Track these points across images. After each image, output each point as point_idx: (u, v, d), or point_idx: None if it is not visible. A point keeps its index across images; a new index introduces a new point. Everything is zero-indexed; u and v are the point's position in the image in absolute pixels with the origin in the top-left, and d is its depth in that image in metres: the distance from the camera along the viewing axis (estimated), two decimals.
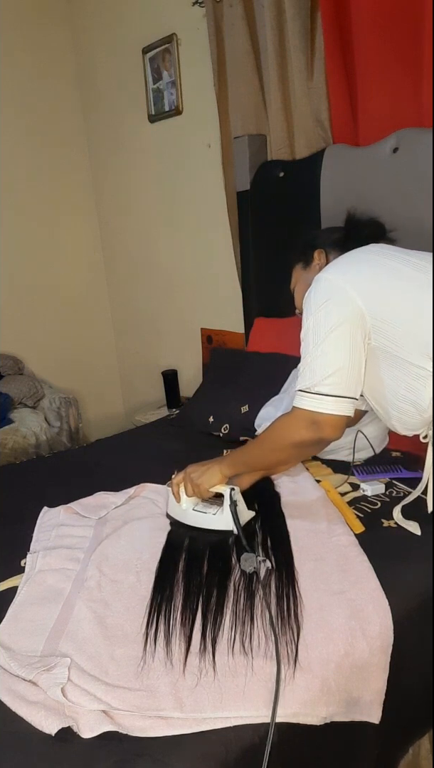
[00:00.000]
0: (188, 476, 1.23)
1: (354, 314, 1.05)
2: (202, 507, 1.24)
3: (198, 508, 1.23)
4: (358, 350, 1.06)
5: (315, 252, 1.31)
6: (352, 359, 1.06)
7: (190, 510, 1.24)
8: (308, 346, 1.08)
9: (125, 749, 0.76)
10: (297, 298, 1.37)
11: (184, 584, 1.05)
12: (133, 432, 2.12)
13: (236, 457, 1.24)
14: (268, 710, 0.81)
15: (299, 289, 1.35)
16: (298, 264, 1.37)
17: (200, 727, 0.78)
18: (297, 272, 1.37)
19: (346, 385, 1.06)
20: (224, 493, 1.19)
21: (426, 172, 1.40)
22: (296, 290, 1.37)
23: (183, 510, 1.24)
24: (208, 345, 2.57)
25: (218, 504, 1.22)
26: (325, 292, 1.08)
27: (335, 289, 1.07)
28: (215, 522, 1.20)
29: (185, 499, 1.24)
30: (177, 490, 1.25)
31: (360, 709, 0.90)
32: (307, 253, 1.33)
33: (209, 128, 2.16)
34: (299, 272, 1.36)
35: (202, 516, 1.22)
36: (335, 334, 1.05)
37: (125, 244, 3.04)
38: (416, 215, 1.43)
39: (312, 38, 1.68)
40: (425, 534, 1.15)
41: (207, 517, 1.21)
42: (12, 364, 2.89)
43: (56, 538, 1.25)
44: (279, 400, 1.62)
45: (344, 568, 1.05)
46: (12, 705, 0.83)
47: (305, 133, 1.77)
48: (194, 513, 1.23)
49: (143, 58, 2.45)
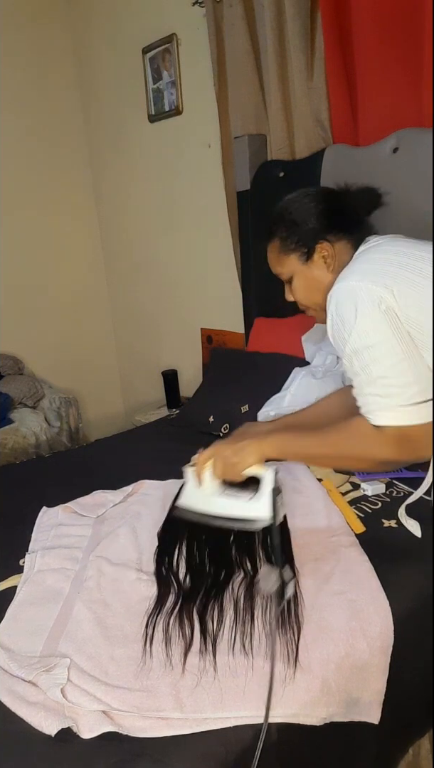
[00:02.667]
0: (219, 453, 1.09)
1: (389, 309, 0.97)
2: (232, 491, 1.07)
3: (227, 492, 1.07)
4: (411, 342, 0.97)
5: (318, 246, 1.16)
6: (412, 352, 0.97)
7: (216, 495, 1.07)
8: (365, 359, 0.98)
9: (125, 749, 0.76)
10: (297, 293, 1.22)
11: (184, 584, 1.05)
12: (133, 432, 2.12)
13: (287, 442, 1.10)
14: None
15: (300, 284, 1.21)
16: (289, 254, 1.19)
17: (200, 727, 0.78)
18: (289, 263, 1.20)
19: (422, 382, 0.97)
20: (264, 477, 1.02)
21: (426, 172, 1.40)
22: (296, 285, 1.22)
23: (205, 496, 1.07)
24: (208, 345, 2.57)
25: (251, 488, 1.05)
26: (352, 299, 0.99)
27: (361, 291, 0.99)
28: (248, 509, 1.03)
29: (209, 483, 1.08)
30: (201, 470, 1.09)
31: (360, 710, 0.90)
32: (305, 244, 1.17)
33: (209, 128, 2.16)
34: (295, 264, 1.19)
35: (232, 502, 1.04)
36: (385, 331, 0.96)
37: (125, 244, 3.04)
38: (416, 215, 1.43)
39: (312, 38, 1.68)
40: (425, 534, 1.14)
41: (238, 503, 1.04)
42: (12, 364, 2.89)
43: (55, 538, 1.25)
44: (280, 399, 1.62)
45: (344, 568, 1.05)
46: (12, 706, 0.83)
47: (305, 133, 1.77)
48: (221, 499, 1.06)
49: (143, 58, 2.45)
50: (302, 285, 1.21)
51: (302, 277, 1.20)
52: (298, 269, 1.20)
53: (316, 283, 1.18)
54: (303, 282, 1.20)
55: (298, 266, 1.20)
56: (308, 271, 1.19)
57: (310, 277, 1.19)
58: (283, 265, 1.22)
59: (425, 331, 0.97)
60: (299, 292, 1.22)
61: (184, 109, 2.35)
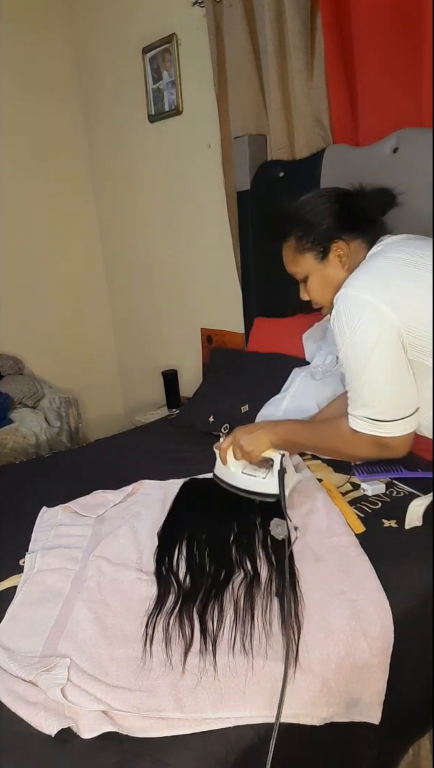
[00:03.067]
0: (236, 441, 1.24)
1: (390, 330, 1.01)
2: (250, 470, 1.26)
3: (246, 471, 1.26)
4: (403, 364, 1.03)
5: (334, 245, 1.19)
6: (401, 377, 1.03)
7: (238, 472, 1.27)
8: (352, 372, 1.06)
9: (125, 749, 0.76)
10: (313, 292, 1.25)
11: (184, 583, 1.05)
12: (133, 432, 2.12)
13: (289, 432, 1.24)
14: (268, 710, 0.81)
15: (315, 283, 1.23)
16: (305, 253, 1.22)
17: (200, 727, 0.78)
18: (305, 261, 1.22)
19: (403, 404, 1.04)
20: (275, 459, 1.21)
21: (426, 172, 1.40)
22: (312, 284, 1.24)
23: (232, 472, 1.27)
24: (208, 345, 2.57)
25: (267, 467, 1.24)
26: (356, 311, 1.03)
27: (365, 306, 1.02)
28: (264, 485, 1.23)
29: (232, 463, 1.27)
30: (225, 455, 1.27)
31: (360, 710, 0.90)
32: (321, 243, 1.19)
33: (209, 128, 2.16)
34: (311, 263, 1.22)
35: (250, 479, 1.25)
36: (377, 356, 1.02)
37: (125, 244, 3.04)
38: (416, 215, 1.43)
39: (312, 38, 1.68)
40: (425, 534, 1.14)
41: (256, 480, 1.24)
42: (12, 364, 2.89)
43: (55, 538, 1.25)
44: (279, 400, 1.62)
45: (345, 569, 1.05)
46: (12, 706, 0.83)
47: (305, 133, 1.77)
48: (243, 475, 1.26)
49: (143, 58, 2.45)
50: (317, 284, 1.23)
51: (318, 276, 1.22)
52: (314, 268, 1.22)
53: (331, 281, 1.20)
54: (319, 281, 1.22)
55: (314, 265, 1.22)
56: (323, 269, 1.21)
57: (325, 275, 1.21)
58: (299, 264, 1.24)
59: (425, 337, 1.00)
60: (315, 291, 1.24)
61: (184, 109, 2.35)
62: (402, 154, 1.47)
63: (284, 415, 1.57)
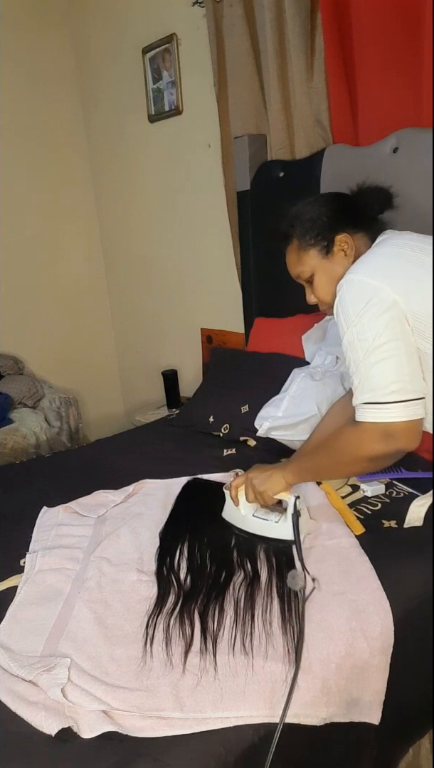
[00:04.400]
0: (249, 482, 1.18)
1: (397, 312, 0.99)
2: (262, 513, 1.18)
3: (258, 515, 1.18)
4: (411, 347, 1.00)
5: (337, 237, 1.17)
6: (409, 358, 1.00)
7: (249, 516, 1.18)
8: (359, 356, 1.01)
9: (125, 749, 0.76)
10: (320, 290, 1.21)
11: (185, 584, 1.05)
12: (133, 432, 2.12)
13: (302, 465, 1.18)
14: (268, 710, 0.81)
15: (322, 280, 1.20)
16: (309, 249, 1.20)
17: (200, 727, 0.78)
18: (310, 259, 1.20)
19: (411, 386, 0.99)
20: (288, 502, 1.13)
21: (426, 172, 1.40)
22: (319, 282, 1.21)
23: (242, 515, 1.19)
24: (208, 345, 2.57)
25: (280, 511, 1.17)
26: (362, 294, 1.01)
27: (371, 290, 1.00)
28: (276, 530, 1.14)
29: (244, 505, 1.19)
30: (236, 494, 1.20)
31: (360, 710, 0.90)
32: (324, 237, 1.18)
33: (209, 128, 2.16)
34: (316, 259, 1.20)
35: (263, 523, 1.16)
36: (385, 337, 0.99)
37: (125, 244, 3.04)
38: (416, 215, 1.43)
39: (312, 38, 1.68)
40: (425, 534, 1.14)
41: (268, 525, 1.15)
42: (12, 364, 2.89)
43: (55, 538, 1.25)
44: (279, 400, 1.62)
45: (345, 569, 1.05)
46: (12, 705, 0.83)
47: (305, 133, 1.77)
48: (254, 519, 1.18)
49: (143, 58, 2.45)
50: (324, 280, 1.20)
51: (324, 272, 1.20)
52: (319, 264, 1.20)
53: (338, 276, 1.15)
54: (325, 277, 1.19)
55: (319, 261, 1.20)
56: (329, 264, 1.19)
57: (331, 271, 1.18)
58: (303, 262, 1.21)
59: (427, 322, 0.99)
60: (321, 288, 1.21)
61: (184, 109, 2.35)
62: (402, 154, 1.47)
63: (284, 415, 1.57)
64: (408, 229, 1.26)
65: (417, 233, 1.17)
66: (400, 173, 1.47)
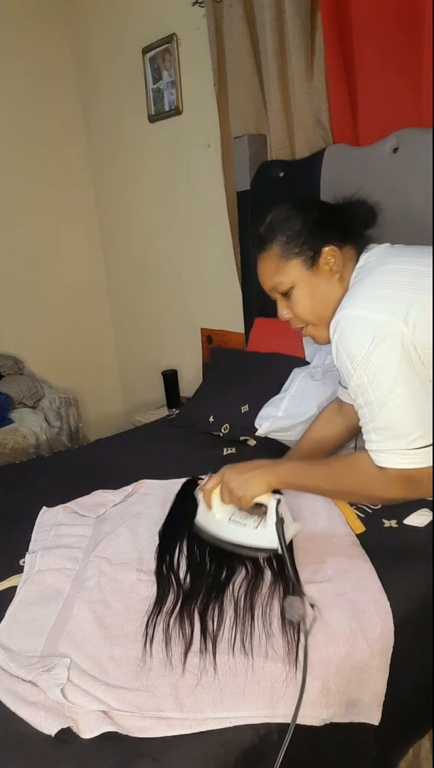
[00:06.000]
0: (225, 482, 1.07)
1: (407, 349, 0.92)
2: (239, 517, 1.06)
3: (235, 518, 1.06)
4: (425, 384, 0.94)
5: (324, 250, 1.07)
6: (427, 397, 0.94)
7: (225, 521, 1.06)
8: (372, 400, 0.95)
9: (124, 749, 0.76)
10: (299, 306, 1.10)
11: (184, 583, 1.05)
12: (133, 432, 2.12)
13: (294, 474, 1.08)
14: (268, 710, 0.81)
15: (303, 294, 1.09)
16: (292, 259, 1.09)
17: (200, 727, 0.78)
18: (292, 269, 1.09)
19: (429, 429, 0.93)
20: (269, 505, 1.02)
21: (426, 172, 1.40)
22: (299, 295, 1.10)
23: (217, 521, 1.07)
24: (208, 345, 2.57)
25: (259, 514, 1.04)
26: (366, 331, 0.93)
27: (378, 326, 0.92)
28: (255, 537, 1.03)
29: (219, 508, 1.07)
30: (210, 498, 1.09)
31: (360, 711, 0.90)
32: (310, 247, 1.08)
33: (209, 128, 2.16)
34: (298, 271, 1.09)
35: (240, 529, 1.04)
36: (401, 380, 0.92)
37: (125, 244, 3.04)
38: (416, 215, 1.43)
39: (312, 38, 1.68)
40: (425, 535, 1.14)
41: (246, 531, 1.04)
42: (12, 364, 2.89)
43: (55, 538, 1.25)
44: (279, 400, 1.62)
45: (345, 569, 1.05)
46: (12, 706, 0.83)
47: (305, 133, 1.77)
48: (230, 525, 1.05)
49: (143, 58, 2.45)
50: (305, 295, 1.09)
51: (306, 286, 1.09)
52: (301, 276, 1.09)
53: (320, 294, 1.08)
54: (307, 291, 1.09)
55: (302, 272, 1.09)
56: (312, 278, 1.08)
57: (314, 285, 1.08)
58: (283, 272, 1.10)
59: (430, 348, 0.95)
60: (301, 303, 1.10)
61: (184, 109, 2.35)
62: (402, 154, 1.47)
63: (284, 415, 1.57)
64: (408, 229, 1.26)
65: (407, 247, 1.09)
66: (400, 173, 1.47)
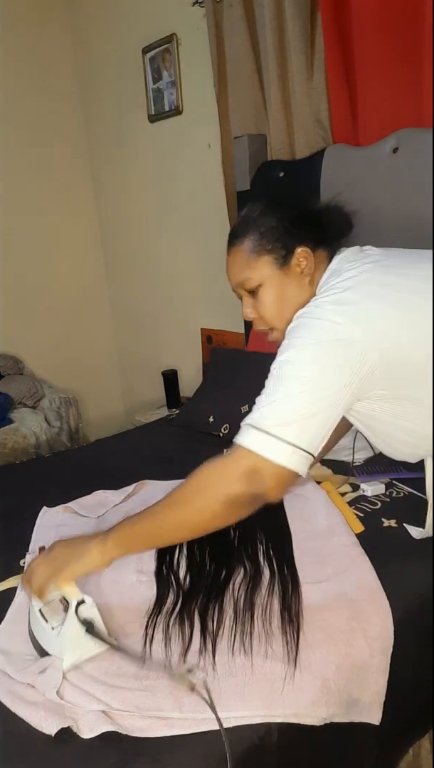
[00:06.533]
0: (49, 558, 0.91)
1: (358, 372, 0.86)
2: (47, 611, 0.88)
3: (45, 609, 0.88)
4: (340, 407, 0.87)
5: (297, 250, 1.02)
6: (329, 412, 0.86)
7: (36, 609, 0.88)
8: (280, 379, 0.88)
9: (124, 749, 0.76)
10: (266, 306, 1.04)
11: (184, 583, 1.05)
12: (133, 432, 2.12)
13: (129, 529, 0.90)
14: (267, 710, 0.81)
15: (271, 294, 1.03)
16: (263, 255, 1.03)
17: (200, 727, 0.78)
18: (262, 266, 1.03)
19: (311, 436, 0.84)
20: (71, 602, 0.83)
21: (426, 172, 1.40)
22: (266, 295, 1.04)
23: (33, 611, 0.89)
24: (208, 345, 2.57)
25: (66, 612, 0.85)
26: (323, 332, 0.87)
27: (341, 336, 0.86)
28: (48, 642, 0.86)
29: (35, 597, 0.89)
30: (25, 580, 0.91)
31: (360, 710, 0.90)
32: (283, 246, 1.03)
33: (209, 128, 2.16)
34: (269, 268, 1.03)
35: (39, 625, 0.87)
36: (318, 379, 0.86)
37: (125, 243, 3.04)
38: (416, 215, 1.43)
39: (312, 38, 1.68)
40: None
41: (44, 630, 0.86)
42: (12, 364, 2.89)
43: (55, 538, 1.24)
44: None
45: (345, 568, 1.05)
46: (11, 706, 0.83)
47: (305, 133, 1.77)
48: (37, 616, 0.88)
49: (143, 58, 2.45)
50: (274, 294, 1.03)
51: (276, 285, 1.03)
52: (272, 275, 1.03)
53: (289, 296, 1.03)
54: (276, 291, 1.03)
55: (272, 271, 1.03)
56: (282, 278, 1.03)
57: (283, 286, 1.03)
58: (253, 268, 1.03)
59: (421, 366, 0.89)
60: (268, 304, 1.04)
61: (184, 109, 2.35)
62: (402, 154, 1.47)
63: None
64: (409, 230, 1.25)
65: (370, 250, 1.03)
66: (400, 173, 1.47)
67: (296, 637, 0.90)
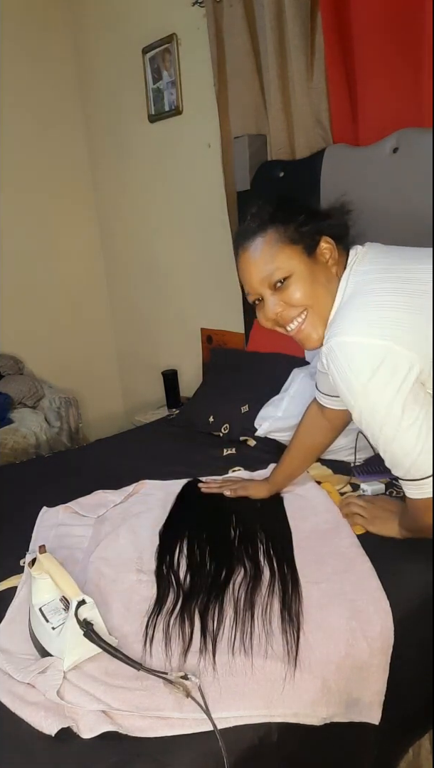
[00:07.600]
0: (362, 507, 1.16)
1: (409, 370, 0.89)
2: (50, 609, 0.89)
3: (47, 608, 0.89)
4: (428, 404, 0.92)
5: (323, 239, 1.02)
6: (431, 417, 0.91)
7: (37, 607, 0.89)
8: (375, 430, 0.94)
9: (124, 749, 0.76)
10: (301, 292, 1.01)
11: (184, 583, 1.05)
12: (133, 432, 2.12)
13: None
14: (267, 710, 0.81)
15: (301, 278, 1.01)
16: (292, 245, 1.02)
17: (200, 727, 0.78)
18: (292, 256, 1.01)
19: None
20: (71, 602, 0.83)
21: (426, 172, 1.40)
22: (297, 282, 1.01)
23: (33, 605, 0.90)
24: (208, 345, 2.57)
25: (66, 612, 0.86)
26: (366, 361, 0.90)
27: (378, 353, 0.89)
28: (48, 641, 0.88)
29: (39, 585, 0.91)
30: (356, 511, 1.17)
31: (360, 710, 0.90)
32: (311, 234, 1.02)
33: (209, 128, 2.16)
34: (299, 258, 1.01)
35: (41, 625, 0.87)
36: (402, 405, 0.90)
37: (124, 244, 3.04)
38: (416, 215, 1.43)
39: (312, 38, 1.68)
40: None
41: (44, 631, 0.87)
42: (12, 364, 2.89)
43: (55, 538, 1.25)
44: (279, 400, 1.62)
45: (345, 569, 1.05)
46: (12, 706, 0.83)
47: (305, 133, 1.77)
48: (37, 614, 0.89)
49: (143, 58, 2.45)
50: (306, 279, 1.01)
51: (307, 272, 1.01)
52: (301, 263, 1.01)
53: (321, 279, 1.02)
54: (308, 276, 1.01)
55: (301, 259, 1.01)
56: (313, 265, 1.02)
57: (315, 271, 1.02)
58: (282, 259, 1.01)
59: None
60: (301, 287, 1.01)
61: (184, 109, 2.35)
62: (402, 154, 1.47)
63: (283, 415, 1.57)
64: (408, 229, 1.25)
65: (399, 252, 1.04)
66: (400, 173, 1.47)
67: (296, 637, 0.90)
